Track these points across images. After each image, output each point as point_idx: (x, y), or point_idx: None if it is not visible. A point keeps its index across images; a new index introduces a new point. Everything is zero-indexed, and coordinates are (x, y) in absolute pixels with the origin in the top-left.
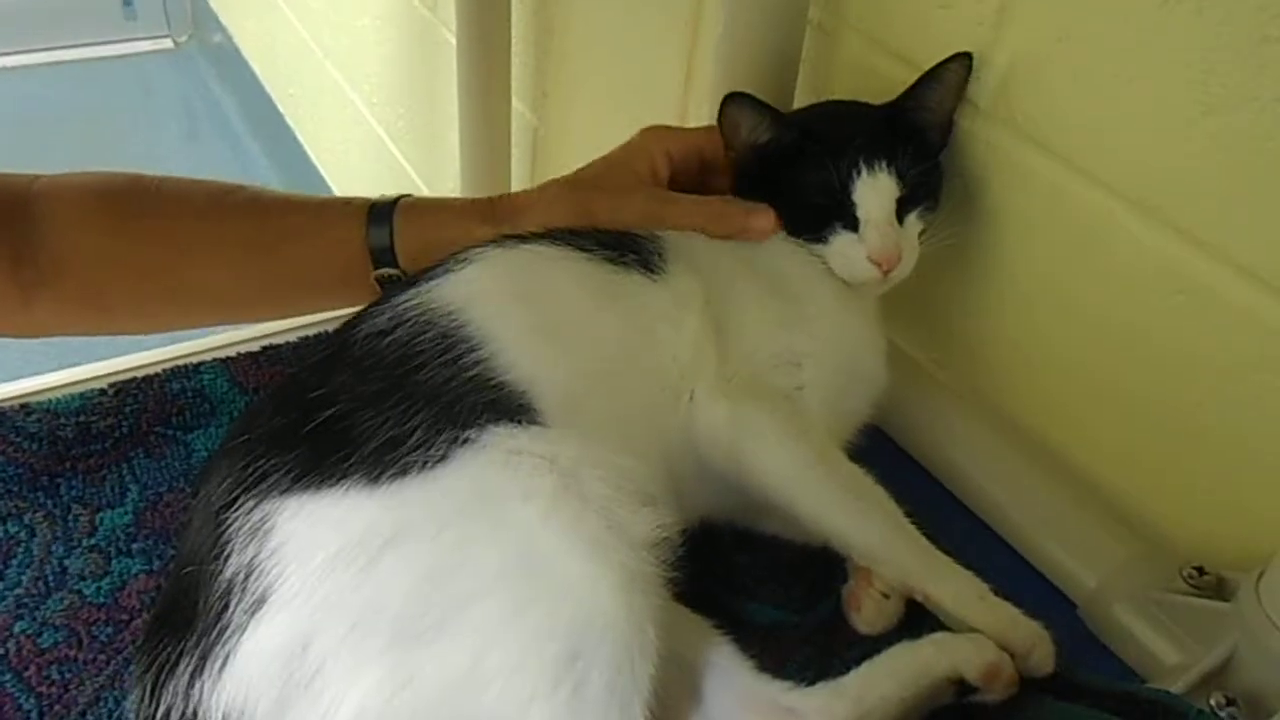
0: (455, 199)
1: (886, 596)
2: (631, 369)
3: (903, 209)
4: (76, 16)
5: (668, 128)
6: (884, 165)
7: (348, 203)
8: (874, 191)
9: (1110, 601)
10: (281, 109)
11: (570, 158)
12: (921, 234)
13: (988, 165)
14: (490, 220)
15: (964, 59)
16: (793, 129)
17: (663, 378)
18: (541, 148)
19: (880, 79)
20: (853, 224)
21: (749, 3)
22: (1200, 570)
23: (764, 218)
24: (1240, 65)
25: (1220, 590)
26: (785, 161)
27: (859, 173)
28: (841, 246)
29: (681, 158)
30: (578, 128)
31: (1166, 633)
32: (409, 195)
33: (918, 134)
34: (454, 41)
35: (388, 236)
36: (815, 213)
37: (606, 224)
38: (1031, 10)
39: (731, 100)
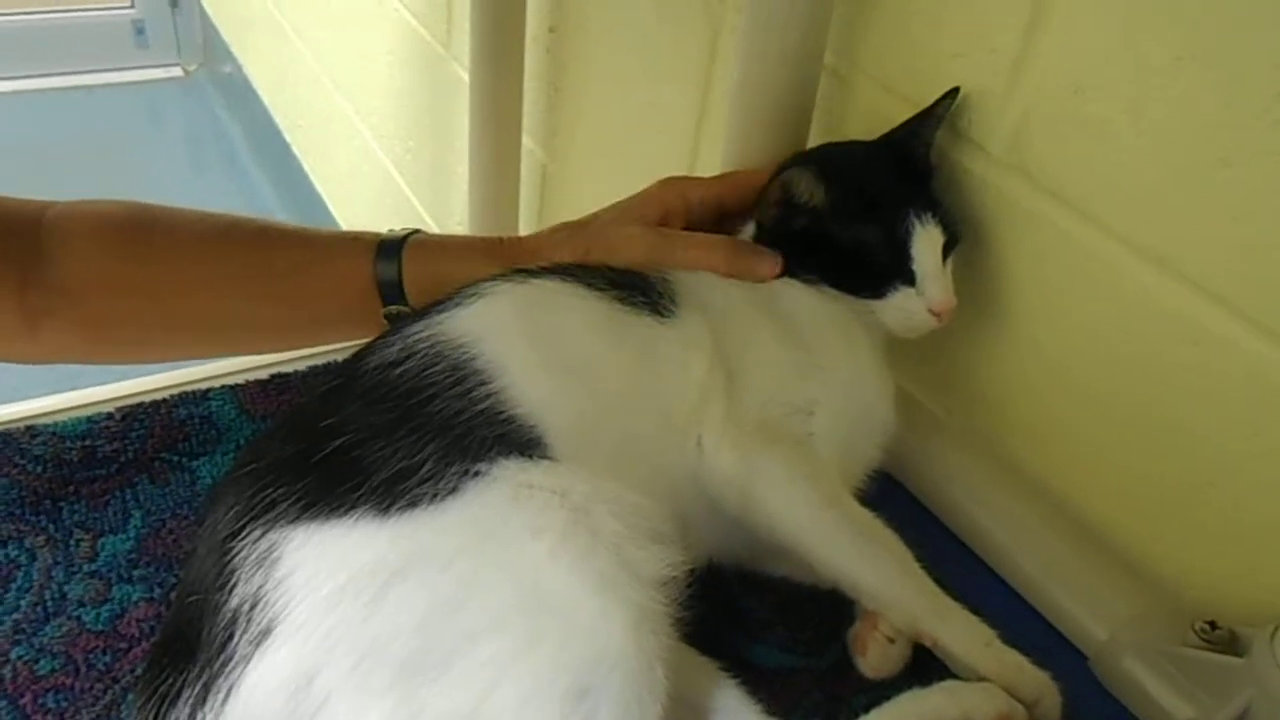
0: (464, 237)
1: (892, 641)
2: (639, 409)
3: (944, 254)
4: (88, 43)
5: (687, 178)
6: (931, 216)
7: (356, 237)
8: (929, 244)
9: (1121, 654)
10: (289, 139)
11: (579, 195)
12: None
13: (999, 213)
14: (498, 260)
15: (954, 92)
16: (847, 190)
17: (670, 419)
18: (550, 185)
19: (894, 125)
20: (909, 277)
21: (765, 48)
22: (1212, 625)
23: (770, 261)
24: (1253, 120)
25: (1233, 645)
26: (836, 221)
27: (914, 228)
28: (901, 301)
29: (700, 209)
30: (588, 166)
31: (1178, 687)
32: (419, 231)
33: (928, 171)
34: (466, 78)
35: (396, 271)
36: (874, 270)
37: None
38: (1046, 61)
39: (802, 167)
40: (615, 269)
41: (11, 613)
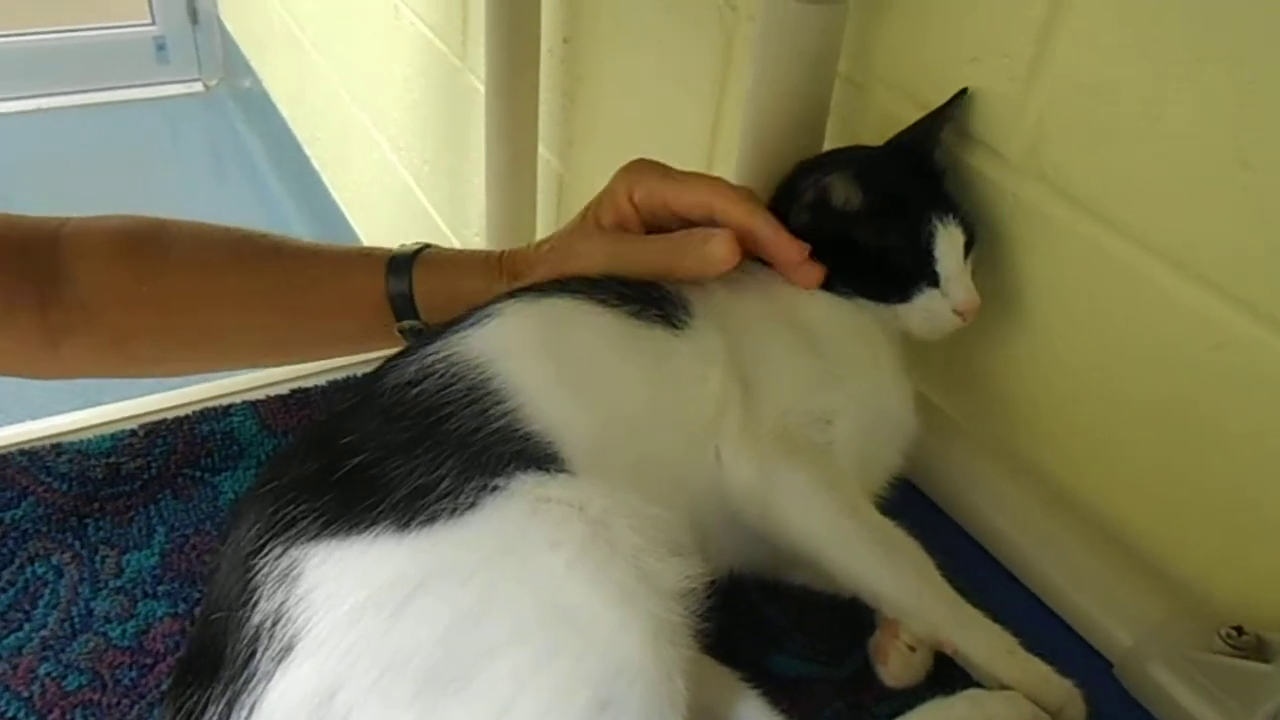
0: (471, 252)
1: (913, 649)
2: (656, 422)
3: (964, 254)
4: (109, 59)
5: (644, 170)
6: (952, 217)
7: (368, 254)
8: (951, 245)
9: (1146, 661)
10: (309, 153)
11: None
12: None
13: (1017, 218)
14: (502, 275)
15: (963, 93)
16: (879, 194)
17: (687, 431)
18: (567, 195)
19: None
20: (933, 279)
21: (779, 57)
22: (1239, 630)
23: (722, 243)
24: (1275, 122)
25: (1260, 651)
26: (867, 226)
27: (937, 229)
28: (926, 304)
29: (647, 205)
30: (604, 175)
31: (1205, 694)
32: (429, 247)
33: (940, 172)
34: (482, 89)
35: (407, 287)
36: (899, 274)
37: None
38: (1062, 65)
39: (840, 171)
40: (625, 282)
41: (39, 629)
